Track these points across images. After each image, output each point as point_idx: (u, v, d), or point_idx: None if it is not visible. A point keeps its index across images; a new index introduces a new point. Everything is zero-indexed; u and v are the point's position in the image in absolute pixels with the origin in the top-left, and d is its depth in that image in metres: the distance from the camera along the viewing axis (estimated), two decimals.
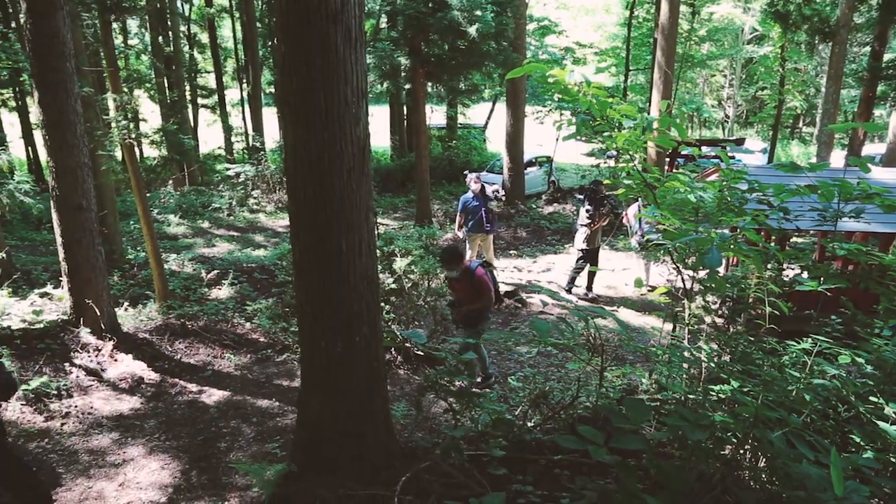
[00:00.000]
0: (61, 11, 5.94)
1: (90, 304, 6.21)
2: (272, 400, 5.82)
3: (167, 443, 5.10)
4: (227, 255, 11.90)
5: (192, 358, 6.59)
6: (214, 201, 17.50)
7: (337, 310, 3.07)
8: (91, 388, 5.78)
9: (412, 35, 13.58)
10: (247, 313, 7.84)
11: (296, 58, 2.77)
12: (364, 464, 3.26)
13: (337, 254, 2.96)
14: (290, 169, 2.98)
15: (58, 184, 5.99)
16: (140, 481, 4.58)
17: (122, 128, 7.74)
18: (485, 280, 6.14)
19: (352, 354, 3.14)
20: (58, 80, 5.87)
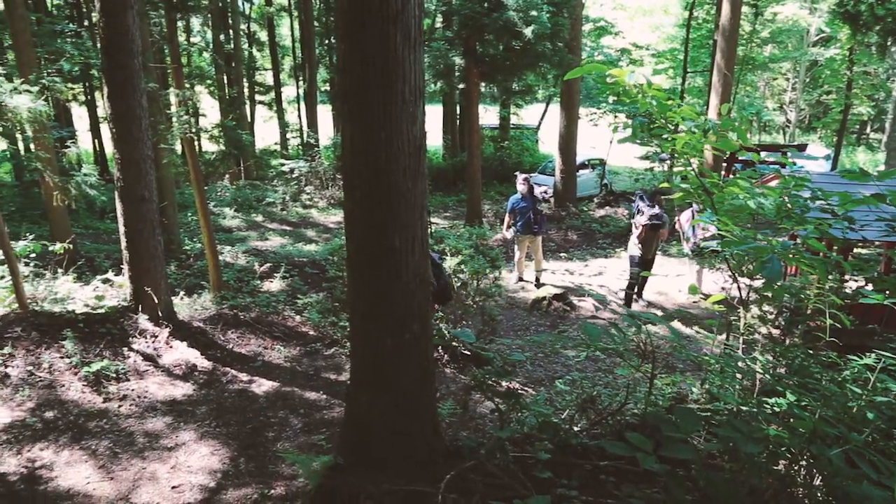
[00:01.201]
0: (132, 10, 6.15)
1: (149, 291, 6.42)
2: (320, 393, 5.92)
3: (217, 429, 5.23)
4: (279, 248, 12.15)
5: (244, 348, 6.75)
6: (268, 196, 17.88)
7: (388, 307, 3.10)
8: (147, 373, 5.98)
9: (467, 35, 13.59)
10: (297, 306, 7.99)
11: (354, 56, 2.81)
12: (409, 460, 3.28)
13: (390, 251, 2.99)
14: (346, 166, 3.03)
15: (122, 175, 6.21)
16: (191, 465, 4.71)
17: (183, 122, 7.97)
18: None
19: (402, 351, 3.17)
20: (126, 76, 6.08)
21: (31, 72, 9.32)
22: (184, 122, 7.84)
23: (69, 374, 5.70)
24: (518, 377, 6.62)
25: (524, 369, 7.13)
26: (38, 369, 5.67)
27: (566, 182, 16.86)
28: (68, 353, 5.85)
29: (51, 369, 5.70)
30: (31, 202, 15.47)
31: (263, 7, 27.29)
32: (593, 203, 17.64)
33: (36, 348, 5.87)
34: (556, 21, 13.54)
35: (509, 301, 9.79)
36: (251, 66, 26.90)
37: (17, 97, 6.44)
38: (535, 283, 10.68)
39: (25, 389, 5.42)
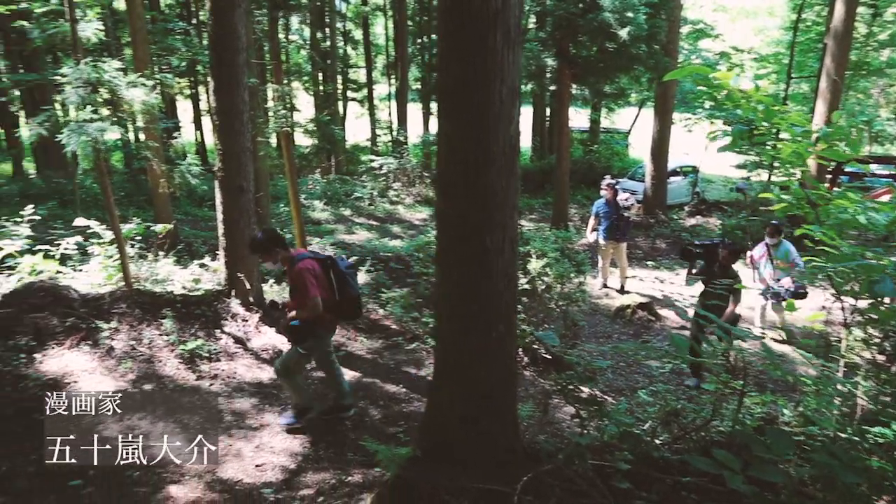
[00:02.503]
0: (239, 9, 6.45)
1: (242, 278, 6.71)
2: (399, 386, 6.02)
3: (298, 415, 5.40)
4: (365, 242, 12.43)
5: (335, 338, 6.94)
6: (357, 191, 18.31)
7: (476, 305, 3.12)
8: (237, 355, 6.26)
9: (560, 36, 13.46)
10: (381, 300, 8.15)
11: (454, 55, 2.85)
12: (487, 458, 3.30)
13: (481, 250, 3.01)
14: (440, 164, 3.07)
15: (223, 166, 6.52)
16: (273, 446, 4.90)
17: (280, 117, 8.30)
18: (305, 278, 4.64)
19: (487, 350, 3.19)
20: (231, 72, 6.39)
21: (145, 67, 9.94)
22: (281, 116, 8.16)
23: (166, 350, 6.04)
24: (598, 385, 6.52)
25: (604, 377, 7.01)
26: (139, 344, 6.04)
27: (656, 188, 16.42)
28: (167, 331, 6.20)
29: (150, 345, 6.06)
30: (138, 188, 16.46)
31: (359, 6, 27.96)
32: (684, 211, 17.09)
33: (138, 324, 6.26)
34: (653, 23, 13.21)
35: (592, 307, 9.64)
36: (345, 64, 27.62)
37: (133, 90, 6.87)
38: (619, 291, 10.47)
39: (128, 362, 5.78)
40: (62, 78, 6.73)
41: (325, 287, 4.82)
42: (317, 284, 4.71)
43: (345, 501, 4.07)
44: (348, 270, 5.05)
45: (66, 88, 6.68)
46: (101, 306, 6.44)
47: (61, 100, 6.71)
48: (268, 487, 4.37)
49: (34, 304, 6.24)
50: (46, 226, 9.72)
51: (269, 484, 4.42)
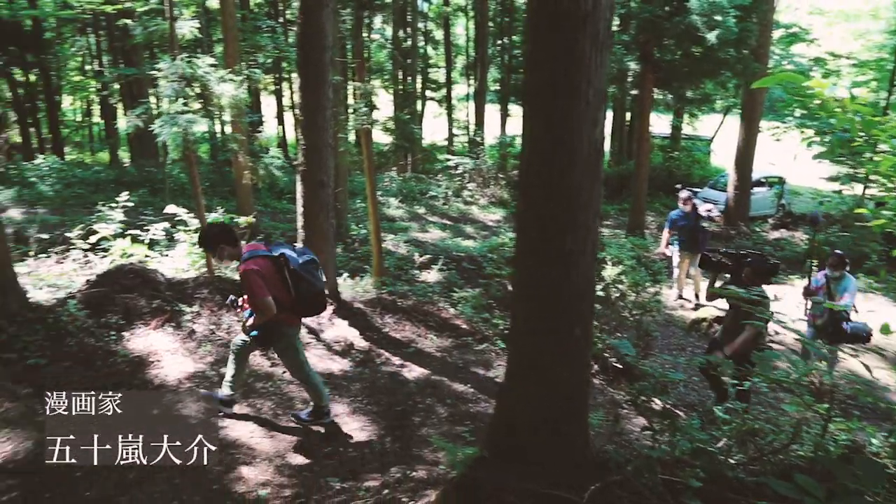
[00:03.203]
0: (327, 8, 6.62)
1: None
2: (467, 386, 6.03)
3: (368, 407, 5.50)
4: (438, 241, 12.52)
5: (399, 333, 7.03)
6: (432, 189, 18.47)
7: (554, 307, 3.10)
8: (310, 345, 6.41)
9: (645, 39, 13.16)
10: (452, 299, 8.20)
11: (541, 56, 2.83)
12: (556, 464, 3.26)
13: (561, 252, 2.99)
14: (523, 164, 3.06)
15: (305, 160, 6.70)
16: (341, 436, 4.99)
17: (361, 114, 8.46)
18: (251, 281, 4.37)
19: (561, 353, 3.15)
20: (317, 69, 6.56)
21: (235, 63, 10.32)
22: (362, 113, 8.31)
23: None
24: (670, 398, 6.34)
25: (676, 391, 6.82)
26: (218, 329, 6.28)
27: (739, 199, 15.83)
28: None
29: (229, 330, 6.29)
30: (223, 179, 17.12)
31: (441, 6, 28.17)
32: (767, 224, 16.40)
33: (218, 310, 6.50)
34: (743, 26, 12.72)
35: (667, 318, 9.39)
36: (425, 63, 27.89)
37: (223, 85, 7.16)
38: (694, 303, 10.16)
39: (207, 345, 6.02)
40: (158, 72, 7.08)
41: (277, 286, 4.50)
42: (264, 285, 4.39)
43: (409, 496, 4.09)
44: (305, 266, 4.61)
45: (162, 82, 7.03)
46: (184, 290, 6.74)
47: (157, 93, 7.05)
48: (334, 476, 4.45)
49: (124, 284, 6.59)
50: (137, 212, 10.24)
51: (336, 473, 4.50)
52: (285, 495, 4.18)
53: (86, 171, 18.41)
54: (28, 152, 22.98)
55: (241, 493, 4.14)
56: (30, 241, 8.73)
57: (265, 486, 4.25)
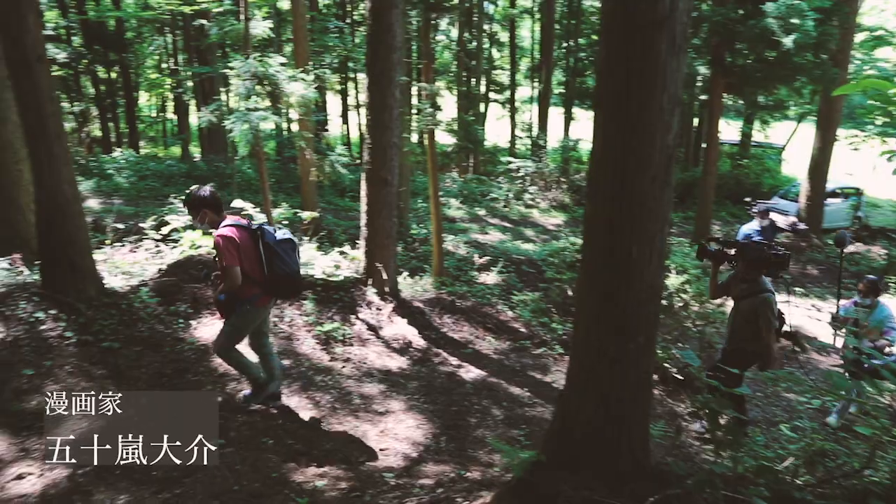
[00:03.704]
0: (396, 10, 6.69)
1: (379, 268, 6.95)
2: (524, 389, 5.99)
3: (424, 405, 5.52)
4: (497, 243, 12.49)
5: (457, 334, 7.04)
6: (493, 191, 18.46)
7: (617, 314, 3.05)
8: (369, 342, 6.49)
9: (716, 43, 12.81)
10: (510, 302, 8.17)
11: (615, 60, 2.79)
12: (614, 472, 3.20)
13: (626, 259, 2.94)
14: (592, 169, 3.03)
15: (370, 159, 6.79)
16: (397, 433, 5.03)
17: (426, 115, 8.52)
18: (221, 246, 4.35)
19: (623, 361, 3.10)
20: (385, 69, 6.64)
21: (304, 63, 10.55)
22: (427, 114, 8.37)
23: (304, 330, 6.38)
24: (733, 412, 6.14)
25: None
26: (280, 321, 6.42)
27: (812, 210, 15.22)
28: (306, 312, 6.55)
29: (290, 323, 6.43)
30: (288, 175, 17.52)
31: (507, 9, 28.12)
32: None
33: (282, 303, 6.66)
34: (822, 30, 12.21)
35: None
36: (490, 65, 27.88)
37: (293, 84, 7.34)
38: None
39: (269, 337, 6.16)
40: (231, 71, 7.30)
41: (251, 259, 4.47)
42: (237, 255, 4.38)
43: (463, 496, 4.09)
44: (281, 244, 4.56)
45: (235, 80, 7.24)
46: None
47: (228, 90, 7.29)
48: (389, 472, 4.49)
49: (193, 275, 6.80)
50: None
51: (391, 468, 4.54)
52: (341, 487, 4.24)
53: (159, 165, 19.18)
54: (107, 146, 24.08)
55: (298, 482, 4.22)
56: (106, 230, 9.12)
57: (322, 477, 4.32)
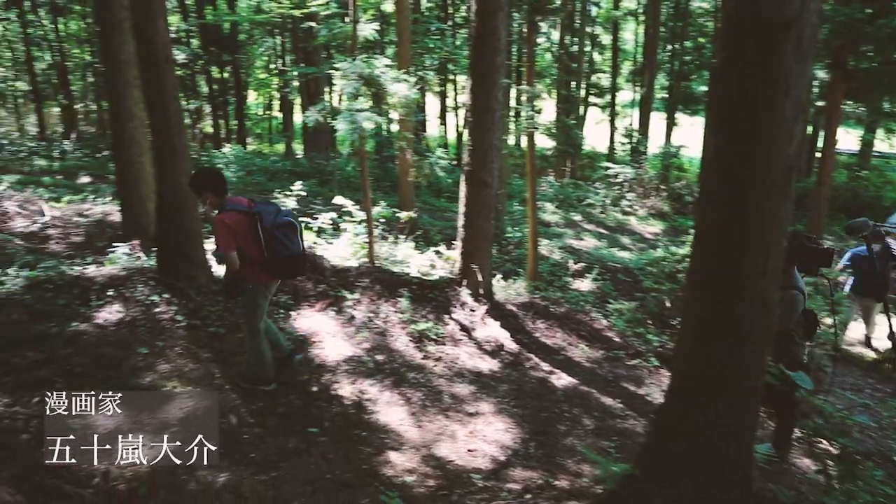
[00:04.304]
0: (502, 12, 6.70)
1: (475, 269, 6.97)
2: (616, 400, 5.85)
3: (514, 409, 5.49)
4: (593, 250, 12.28)
5: (549, 339, 6.97)
6: (589, 197, 18.18)
7: (725, 325, 2.93)
8: (461, 342, 6.52)
9: (839, 46, 12.04)
10: (605, 310, 8.00)
11: (734, 64, 2.68)
12: (711, 489, 3.07)
13: (738, 272, 2.82)
14: (705, 178, 2.93)
15: (470, 160, 6.82)
16: (486, 435, 5.02)
17: (527, 117, 8.48)
18: (218, 231, 4.47)
19: (729, 377, 2.98)
20: (488, 71, 6.66)
21: (407, 64, 10.73)
22: (528, 117, 8.33)
23: (399, 327, 6.49)
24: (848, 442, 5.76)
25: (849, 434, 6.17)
26: (376, 317, 6.56)
27: None
28: (401, 309, 6.66)
29: (385, 320, 6.55)
30: (386, 174, 17.89)
31: (610, 10, 27.56)
32: None
33: (377, 299, 6.80)
34: None
35: (843, 354, 8.53)
36: (590, 68, 27.44)
37: (397, 85, 7.47)
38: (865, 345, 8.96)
39: (364, 332, 6.31)
40: (337, 71, 7.52)
41: (250, 242, 4.59)
42: (232, 240, 4.51)
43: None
44: (280, 227, 4.65)
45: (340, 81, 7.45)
46: (347, 278, 7.11)
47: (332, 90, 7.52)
48: (477, 473, 4.50)
49: None
50: (308, 201, 10.95)
51: (479, 470, 4.54)
52: (429, 485, 4.29)
53: (264, 161, 20.06)
54: (217, 141, 25.44)
55: (388, 476, 4.29)
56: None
57: (411, 473, 4.38)
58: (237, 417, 4.75)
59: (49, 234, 8.89)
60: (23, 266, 6.62)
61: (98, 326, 5.61)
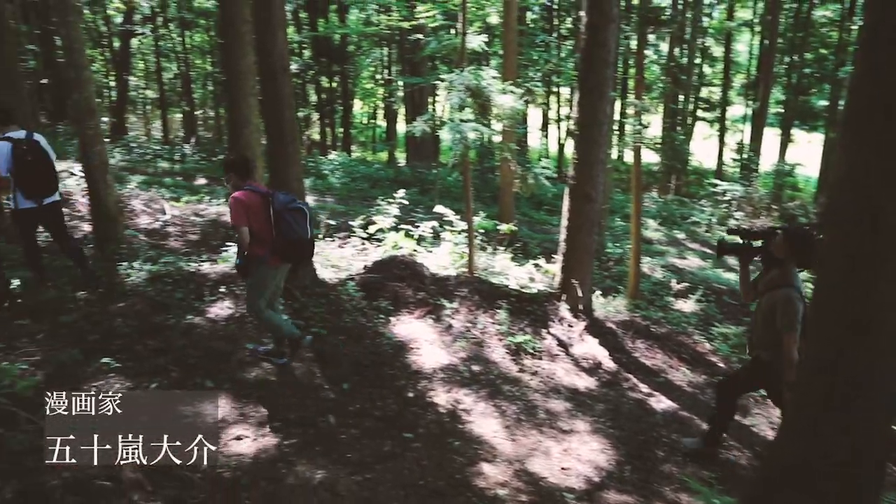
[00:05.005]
0: (613, 24, 6.60)
1: (575, 284, 6.87)
2: None
3: (610, 429, 5.35)
4: (697, 270, 11.82)
5: (649, 360, 6.76)
6: (694, 215, 17.55)
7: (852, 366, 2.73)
8: (558, 358, 6.44)
9: None
10: (709, 334, 7.68)
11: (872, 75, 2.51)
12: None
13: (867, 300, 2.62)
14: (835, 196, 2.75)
15: (576, 174, 6.74)
16: (580, 454, 4.92)
17: (634, 131, 8.29)
18: (232, 207, 4.84)
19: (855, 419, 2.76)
20: (597, 84, 6.57)
21: (512, 76, 10.76)
22: (635, 131, 8.15)
23: (496, 339, 6.49)
24: None
25: None
26: (473, 327, 6.59)
27: None
28: (499, 321, 6.66)
29: (483, 331, 6.56)
30: (485, 185, 17.96)
31: (723, 21, 26.51)
32: None
33: (475, 309, 6.83)
34: None
35: None
36: (700, 81, 26.51)
37: (503, 97, 7.50)
38: None
39: (462, 341, 6.35)
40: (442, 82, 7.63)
41: (261, 221, 4.90)
42: (244, 215, 4.83)
43: None
44: (290, 211, 4.92)
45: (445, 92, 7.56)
46: (446, 287, 7.18)
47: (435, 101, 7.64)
48: (570, 493, 4.41)
49: (395, 274, 7.22)
50: (408, 209, 11.15)
51: (572, 490, 4.46)
52: (521, 500, 4.25)
53: (368, 168, 20.62)
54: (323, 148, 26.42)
55: (480, 487, 4.29)
56: (320, 225, 9.96)
57: (503, 486, 4.35)
58: (335, 417, 4.88)
59: (169, 231, 9.51)
60: (146, 260, 7.10)
61: (210, 320, 5.95)
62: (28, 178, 5.82)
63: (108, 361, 5.02)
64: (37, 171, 5.87)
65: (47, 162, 5.98)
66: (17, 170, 5.73)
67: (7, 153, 5.68)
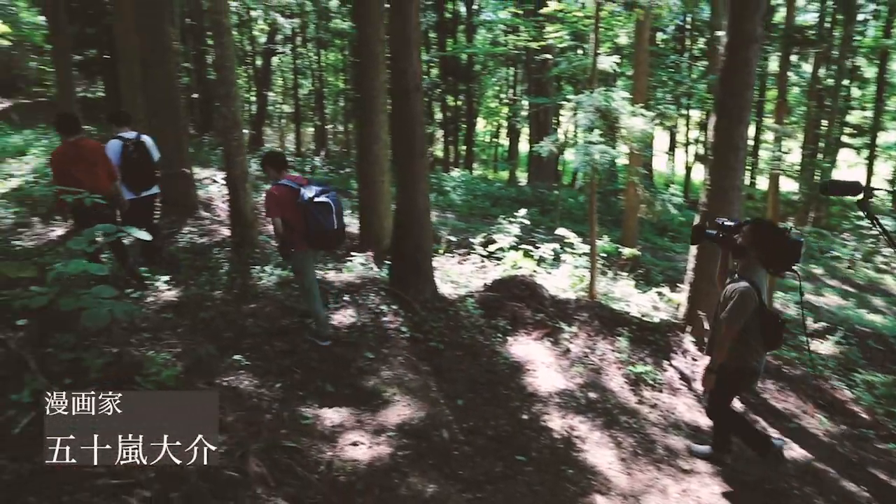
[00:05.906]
0: (755, 45, 6.28)
1: (701, 316, 6.55)
2: (860, 487, 5.07)
3: (733, 473, 5.03)
4: (836, 309, 10.94)
5: (780, 403, 6.31)
6: (835, 249, 16.28)
7: None
8: (679, 392, 6.15)
9: None
10: (850, 380, 7.06)
11: None
12: None
13: None
14: None
15: (708, 201, 6.44)
16: (700, 497, 4.66)
17: (772, 158, 7.84)
18: (266, 200, 5.49)
19: None
20: (736, 107, 6.26)
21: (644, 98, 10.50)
22: (774, 157, 7.70)
23: (615, 367, 6.30)
24: None
25: None
26: (591, 353, 6.43)
27: None
28: (619, 349, 6.46)
29: (602, 357, 6.39)
30: (608, 208, 17.59)
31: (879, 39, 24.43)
32: None
33: (595, 335, 6.66)
34: None
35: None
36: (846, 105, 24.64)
37: (634, 119, 7.33)
38: None
39: (579, 366, 6.21)
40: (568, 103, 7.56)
41: (291, 212, 5.38)
42: (276, 208, 5.37)
43: None
44: (316, 205, 5.31)
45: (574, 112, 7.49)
46: (566, 310, 7.07)
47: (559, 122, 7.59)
48: None
49: (514, 293, 7.20)
50: (529, 228, 11.09)
51: None
52: None
53: (489, 186, 20.77)
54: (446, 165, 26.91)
55: None
56: (441, 241, 10.12)
57: None
58: (449, 433, 4.92)
59: None
60: (277, 265, 7.49)
61: (333, 327, 6.18)
62: (132, 173, 6.70)
63: (238, 359, 5.33)
64: (140, 167, 6.75)
65: (149, 160, 6.87)
66: (123, 165, 6.61)
67: (118, 149, 6.61)
